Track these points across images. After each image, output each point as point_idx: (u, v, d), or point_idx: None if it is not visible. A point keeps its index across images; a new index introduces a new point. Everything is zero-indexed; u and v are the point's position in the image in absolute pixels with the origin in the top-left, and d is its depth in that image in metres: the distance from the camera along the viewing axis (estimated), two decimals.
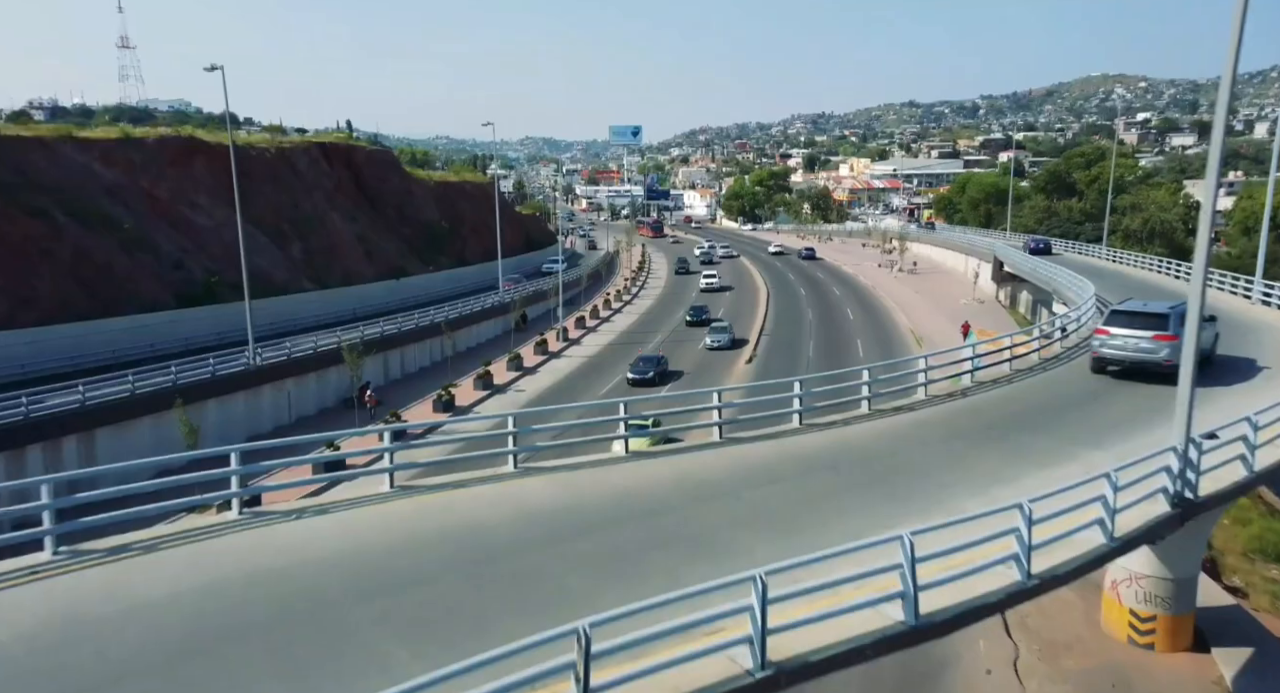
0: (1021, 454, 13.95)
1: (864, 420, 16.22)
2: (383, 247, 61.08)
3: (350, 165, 64.57)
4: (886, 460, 13.64)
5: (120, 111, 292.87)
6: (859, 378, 17.56)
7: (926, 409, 17.19)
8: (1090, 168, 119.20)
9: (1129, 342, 19.02)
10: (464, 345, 54.19)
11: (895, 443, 14.64)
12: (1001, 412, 16.78)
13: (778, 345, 54.12)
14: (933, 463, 13.51)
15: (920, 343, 52.66)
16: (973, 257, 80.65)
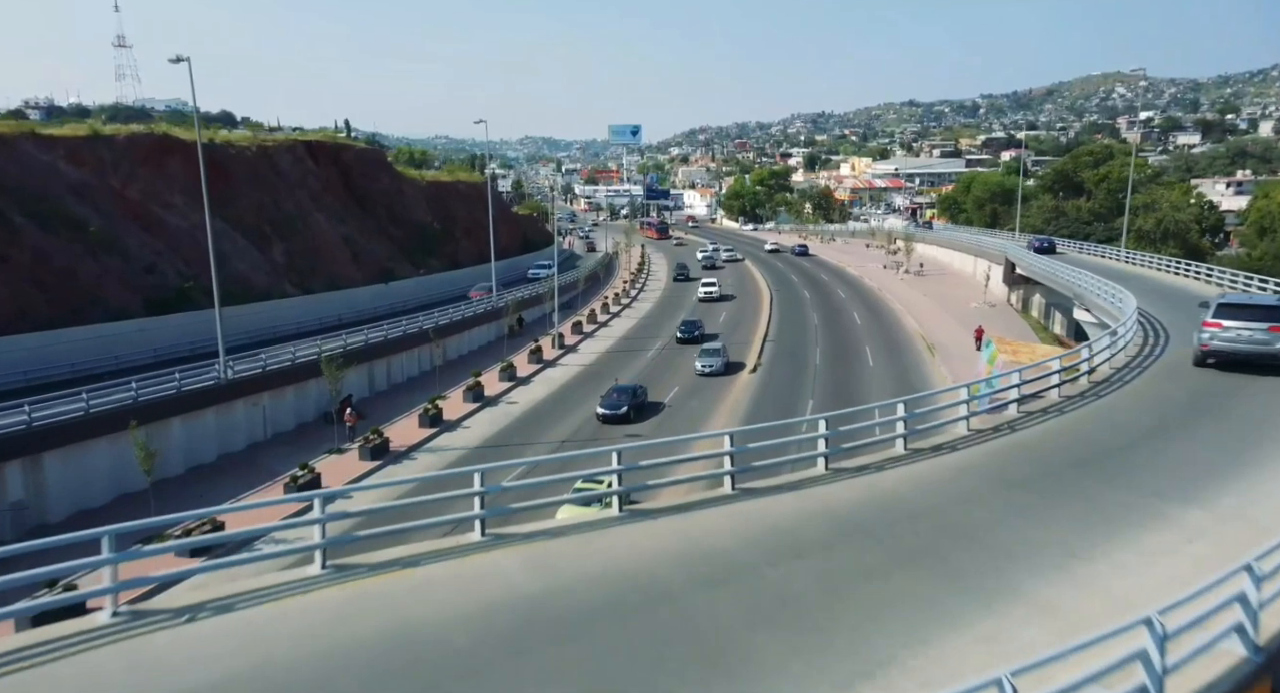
0: (1097, 512, 11.53)
1: (899, 463, 13.79)
2: (371, 249, 58.69)
3: (338, 165, 62.17)
4: (933, 520, 11.24)
5: (116, 111, 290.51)
6: (891, 412, 15.10)
7: (970, 448, 14.77)
8: (1098, 167, 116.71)
9: (1242, 335, 19.63)
10: (455, 353, 51.89)
11: (940, 495, 12.22)
12: (1059, 452, 14.36)
13: (782, 353, 51.74)
14: (989, 525, 11.10)
15: (933, 351, 50.32)
16: (982, 259, 78.26)
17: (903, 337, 56.01)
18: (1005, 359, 37.50)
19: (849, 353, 51.12)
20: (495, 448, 35.16)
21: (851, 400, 40.33)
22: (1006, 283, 67.41)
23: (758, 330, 59.04)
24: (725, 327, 61.09)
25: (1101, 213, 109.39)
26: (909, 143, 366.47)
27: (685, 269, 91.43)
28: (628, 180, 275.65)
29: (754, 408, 39.22)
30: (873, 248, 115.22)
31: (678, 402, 40.84)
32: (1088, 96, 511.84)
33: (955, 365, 46.54)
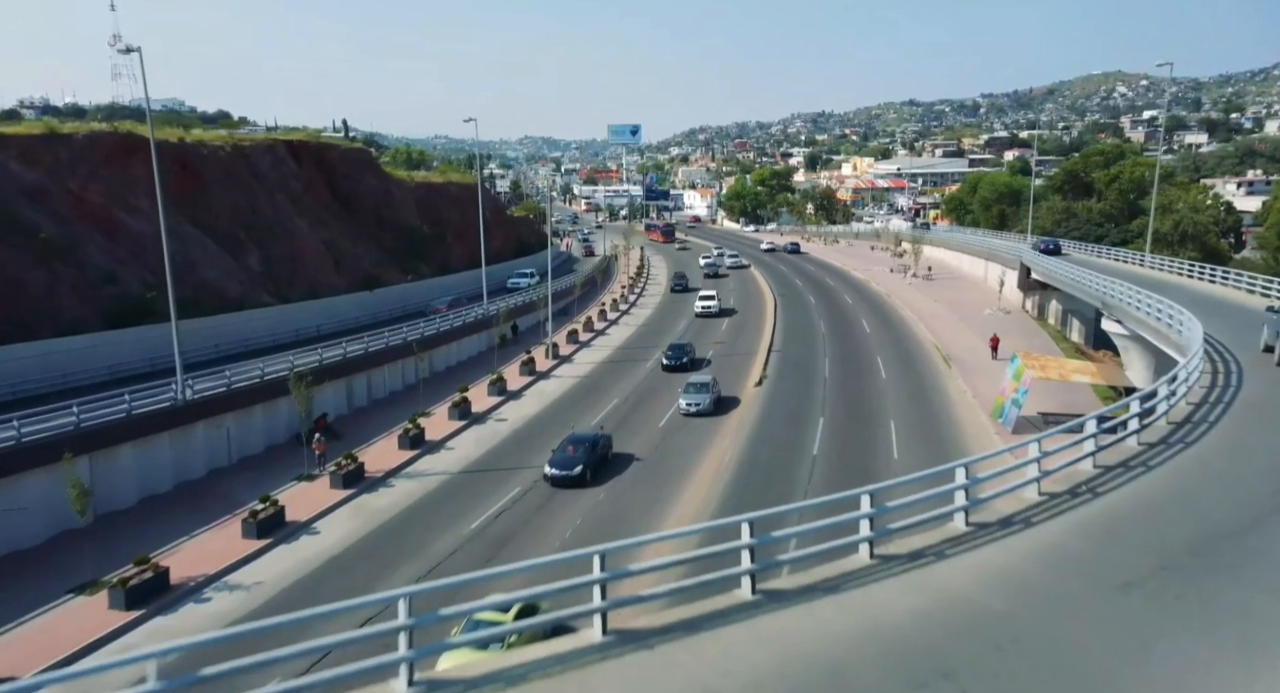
0: (1246, 626, 8.63)
1: (963, 548, 10.84)
2: (356, 254, 55.77)
3: (322, 165, 59.23)
4: (1025, 645, 8.34)
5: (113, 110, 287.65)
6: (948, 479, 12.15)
7: (1048, 523, 11.77)
8: (1109, 167, 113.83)
9: None
10: (444, 364, 49.01)
11: (1028, 603, 9.26)
12: (1165, 530, 11.35)
13: (789, 364, 48.82)
14: (1102, 650, 8.21)
15: (949, 363, 47.42)
16: (993, 262, 75.33)
17: (915, 346, 53.10)
18: (1033, 375, 34.62)
19: (860, 364, 48.20)
20: (479, 475, 32.24)
21: (867, 419, 37.50)
22: (1021, 288, 64.52)
23: (762, 339, 56.15)
24: (726, 337, 58.18)
25: (1113, 214, 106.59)
26: (910, 142, 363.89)
27: (684, 278, 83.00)
28: (627, 180, 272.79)
29: (757, 439, 36.23)
30: (878, 250, 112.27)
31: (658, 448, 34.27)
32: (1088, 96, 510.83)
33: (974, 379, 43.66)
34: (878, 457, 32.45)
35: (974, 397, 40.15)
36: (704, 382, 40.35)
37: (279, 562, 24.78)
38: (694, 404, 38.54)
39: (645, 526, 26.21)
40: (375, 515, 28.27)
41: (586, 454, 30.40)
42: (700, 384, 39.99)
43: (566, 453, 30.43)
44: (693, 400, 38.78)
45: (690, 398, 38.92)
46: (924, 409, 38.90)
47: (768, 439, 35.09)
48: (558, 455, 30.45)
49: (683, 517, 27.03)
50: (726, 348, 54.04)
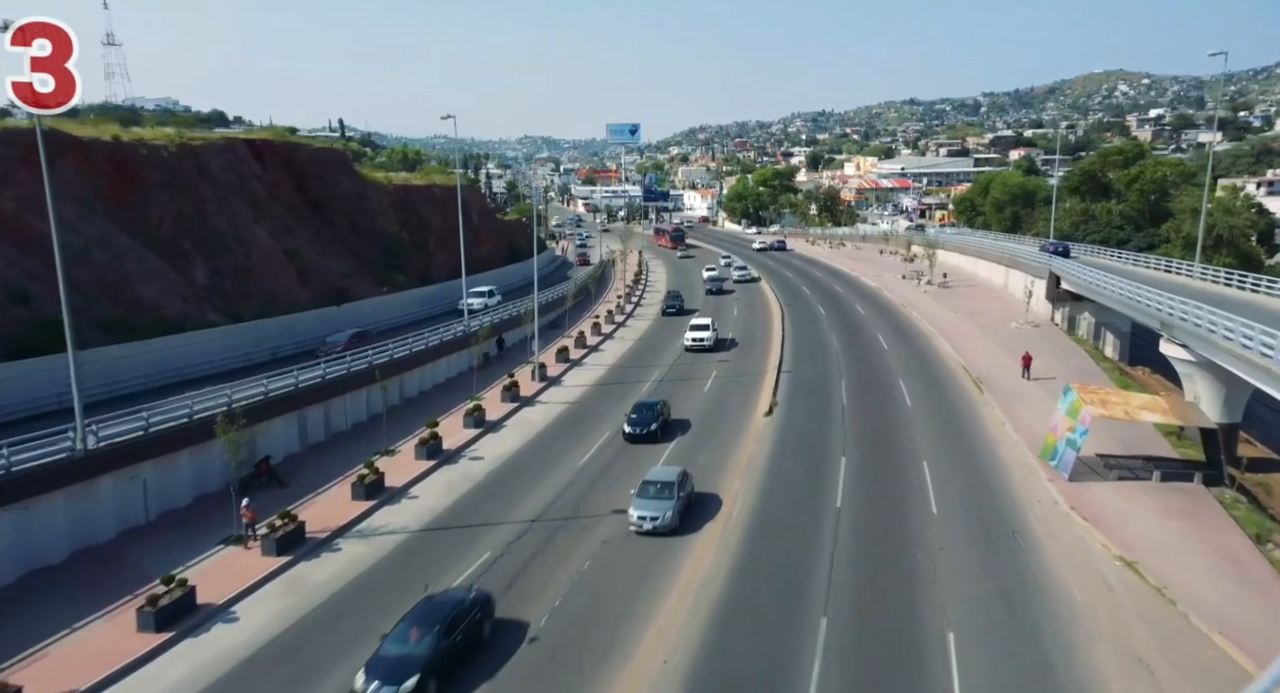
0: None
1: None
2: (324, 264, 50.81)
3: (290, 167, 54.22)
4: None
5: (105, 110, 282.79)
6: None
7: None
8: (1129, 167, 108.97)
9: None
10: (417, 388, 44.01)
11: None
12: None
13: (801, 388, 43.83)
14: None
15: (980, 386, 42.45)
16: (1016, 269, 70.35)
17: (939, 366, 48.14)
18: (1093, 413, 29.66)
19: (880, 388, 43.23)
20: (443, 535, 27.26)
21: (895, 459, 32.55)
22: (1050, 299, 59.57)
23: (770, 356, 51.17)
24: (731, 355, 53.20)
25: (1132, 216, 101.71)
26: (913, 141, 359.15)
27: (678, 298, 69.92)
28: (626, 180, 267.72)
29: (769, 485, 31.31)
30: (887, 253, 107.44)
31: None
32: (1090, 94, 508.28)
33: (1012, 406, 38.72)
34: (913, 512, 27.51)
35: (1015, 430, 35.20)
36: (667, 481, 27.21)
37: (178, 664, 19.85)
38: (649, 517, 25.78)
39: (626, 630, 21.33)
40: (311, 594, 23.31)
41: (433, 644, 18.28)
42: (661, 484, 27.03)
43: (389, 662, 17.90)
44: (648, 512, 25.88)
45: (645, 509, 26.04)
46: (959, 446, 33.95)
47: (781, 486, 30.14)
48: (374, 664, 18.03)
49: (679, 603, 22.09)
50: (731, 368, 49.07)
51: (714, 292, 79.10)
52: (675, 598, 22.31)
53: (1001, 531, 25.94)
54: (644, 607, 21.90)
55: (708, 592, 22.57)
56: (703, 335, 53.47)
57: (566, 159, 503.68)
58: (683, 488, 27.50)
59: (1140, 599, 21.51)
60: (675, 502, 26.53)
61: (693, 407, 41.04)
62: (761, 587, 22.75)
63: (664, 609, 21.72)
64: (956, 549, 24.63)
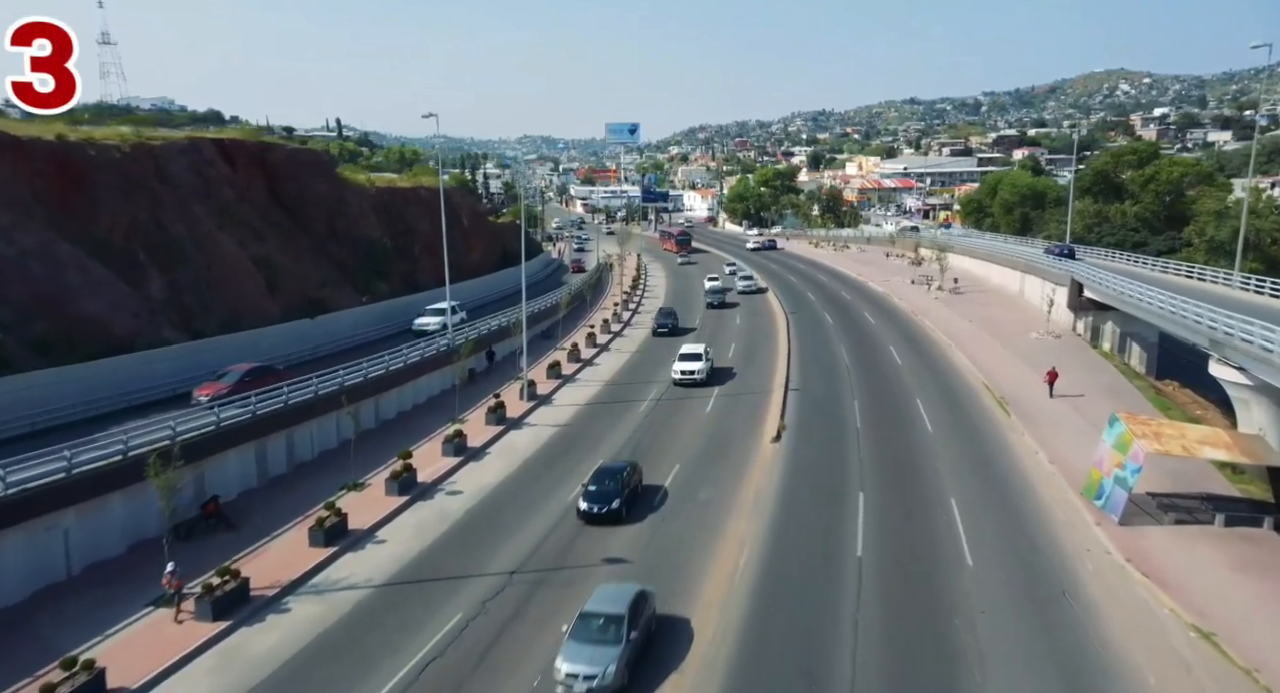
0: None
1: None
2: (298, 273, 47.41)
3: (264, 169, 50.77)
4: None
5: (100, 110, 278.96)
6: None
7: None
8: (1143, 167, 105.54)
9: None
10: (396, 408, 40.61)
11: None
12: None
13: (812, 408, 40.44)
14: None
15: (1006, 408, 39.05)
16: (1033, 276, 66.93)
17: (959, 383, 44.74)
18: (1146, 447, 26.25)
19: (897, 409, 39.81)
20: (411, 590, 23.86)
21: (919, 496, 29.14)
22: (1072, 308, 56.14)
23: (777, 370, 47.78)
24: (733, 368, 49.82)
25: (1147, 218, 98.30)
26: (915, 141, 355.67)
27: (671, 317, 61.64)
28: (625, 180, 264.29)
29: (780, 529, 27.95)
30: (893, 257, 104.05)
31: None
32: (1091, 93, 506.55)
33: (1043, 431, 35.34)
34: (944, 563, 24.10)
35: (1051, 460, 31.80)
36: (613, 615, 19.18)
37: None
38: (584, 677, 17.97)
39: None
40: (249, 670, 19.92)
41: None
42: (605, 620, 19.08)
43: None
44: (581, 668, 18.02)
45: (578, 659, 18.22)
46: (990, 480, 30.54)
47: (794, 529, 26.75)
48: None
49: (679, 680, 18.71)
50: (736, 383, 45.68)
51: (715, 306, 70.46)
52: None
53: (1049, 589, 22.54)
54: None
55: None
56: (694, 366, 45.15)
57: (566, 159, 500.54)
58: (635, 623, 19.15)
59: (1228, 687, 18.11)
60: (623, 648, 18.46)
61: (693, 428, 37.68)
62: (772, 668, 19.37)
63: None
64: (1000, 614, 21.22)
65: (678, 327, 61.21)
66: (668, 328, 60.09)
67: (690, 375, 45.04)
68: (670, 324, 60.78)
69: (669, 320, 61.33)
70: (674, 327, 60.57)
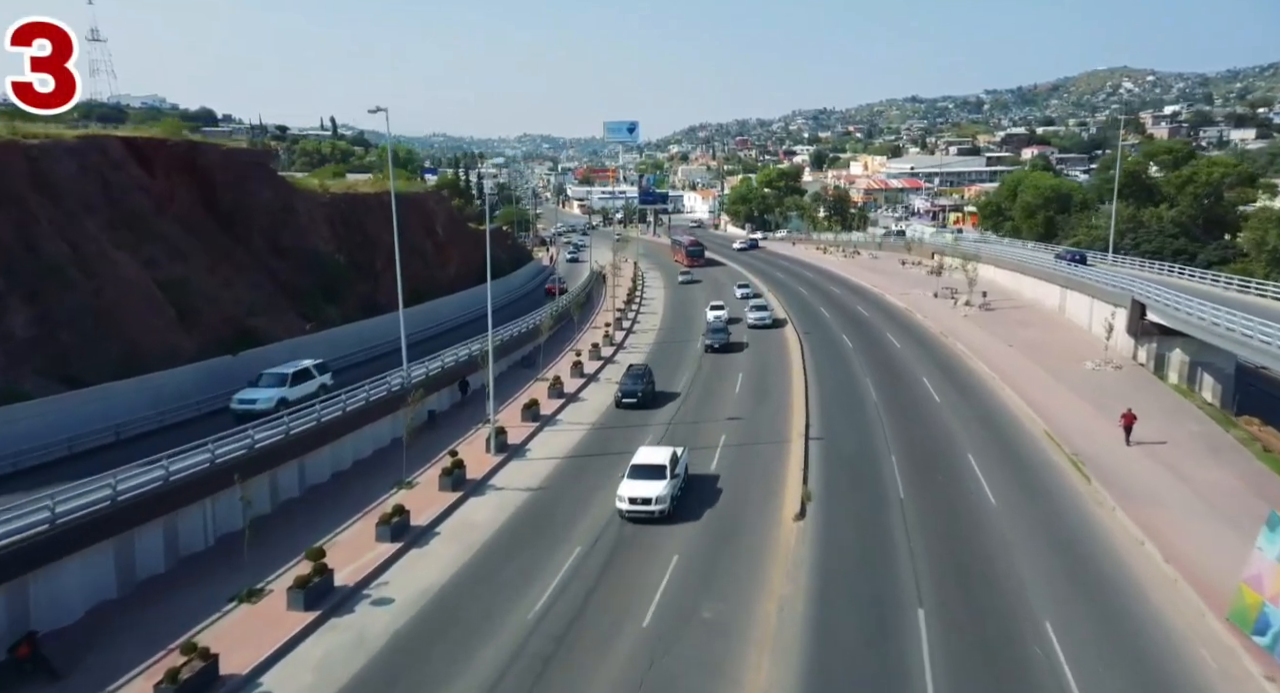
0: None
1: None
2: (226, 298, 39.94)
3: (194, 173, 43.28)
4: None
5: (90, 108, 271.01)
6: None
7: None
8: (1179, 167, 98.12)
9: None
10: (330, 469, 33.12)
11: None
12: None
13: (840, 468, 32.93)
14: None
15: (1083, 469, 31.52)
16: (1073, 290, 59.42)
17: (1014, 431, 37.22)
18: None
19: (946, 469, 32.32)
20: None
21: (998, 612, 21.66)
22: (1131, 332, 48.69)
23: (793, 412, 40.31)
24: (741, 407, 42.35)
25: (1184, 223, 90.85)
26: (918, 139, 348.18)
27: (640, 379, 42.87)
28: (624, 180, 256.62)
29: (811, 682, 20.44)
30: (910, 265, 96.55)
31: None
32: (1094, 91, 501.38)
33: (1140, 506, 27.83)
34: None
35: (1166, 558, 24.25)
36: None
37: None
38: None
39: None
40: None
41: None
42: None
43: None
44: None
45: None
46: (1092, 591, 23.00)
47: (836, 677, 19.27)
48: None
49: None
50: (745, 430, 38.15)
51: (715, 348, 53.27)
52: None
53: None
54: None
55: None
56: (651, 492, 27.83)
57: (566, 158, 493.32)
58: None
59: None
60: None
61: (695, 494, 30.19)
62: None
63: None
64: None
65: (651, 390, 43.15)
66: (636, 396, 41.50)
67: (644, 509, 27.72)
68: (638, 389, 41.79)
69: (639, 384, 42.20)
70: (643, 392, 41.92)
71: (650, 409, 41.73)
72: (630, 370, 44.66)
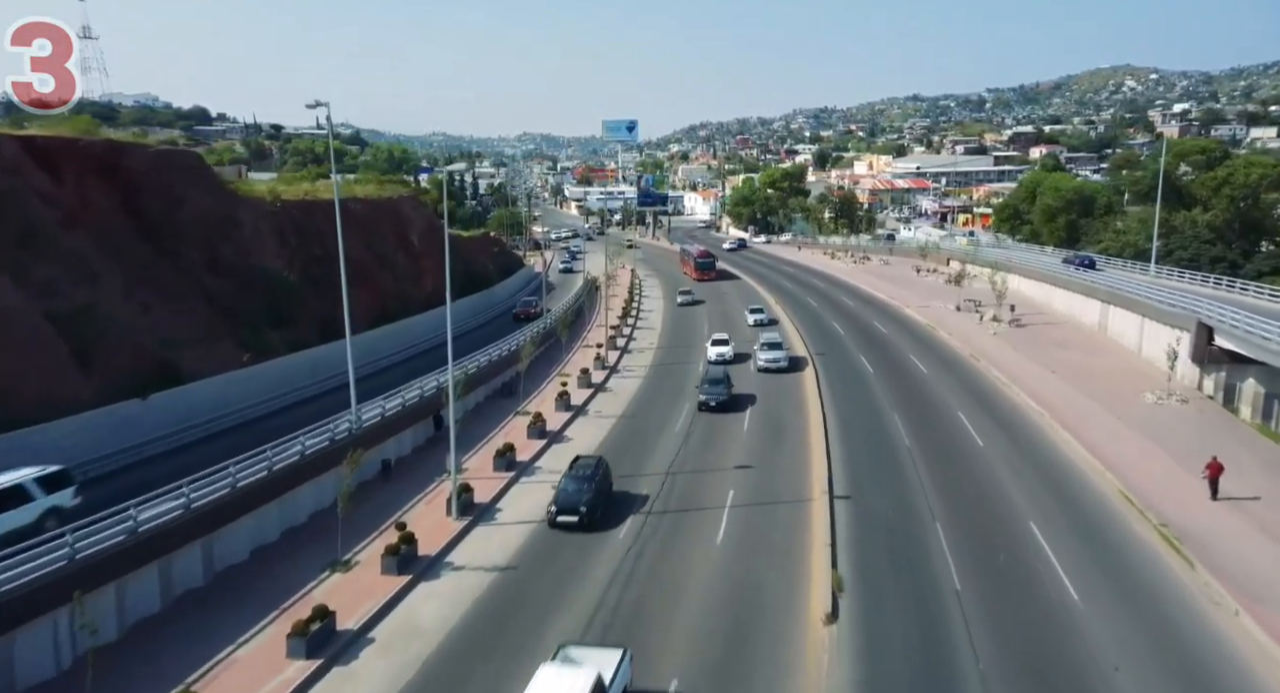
0: None
1: None
2: (144, 328, 33.89)
3: (114, 178, 37.21)
4: None
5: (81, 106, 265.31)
6: None
7: None
8: (1212, 168, 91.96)
9: None
10: (250, 545, 27.00)
11: None
12: None
13: (874, 542, 26.83)
14: None
15: (1180, 548, 25.40)
16: (1124, 310, 53.22)
17: (1081, 490, 31.05)
18: None
19: (1009, 550, 26.16)
20: None
21: None
22: (1197, 360, 42.59)
23: (812, 461, 34.22)
24: (751, 452, 36.26)
25: (1219, 227, 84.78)
26: (922, 138, 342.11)
27: (585, 486, 28.72)
28: (623, 179, 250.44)
29: None
30: (925, 273, 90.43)
31: None
32: (1097, 90, 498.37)
33: (1267, 611, 21.68)
34: None
35: None
36: None
37: None
38: None
39: None
40: None
41: None
42: None
43: None
44: None
45: None
46: None
47: None
48: None
49: None
50: (756, 486, 32.03)
51: (711, 406, 40.69)
52: None
53: None
54: None
55: None
56: None
57: (565, 157, 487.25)
58: None
59: None
60: None
61: (700, 579, 24.18)
62: None
63: None
64: None
65: (606, 497, 29.33)
66: (578, 513, 27.67)
67: None
68: (584, 503, 27.86)
69: (583, 492, 28.26)
70: (593, 505, 28.06)
71: (597, 533, 27.72)
72: (574, 469, 29.91)
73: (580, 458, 31.48)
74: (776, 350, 49.79)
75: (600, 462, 30.79)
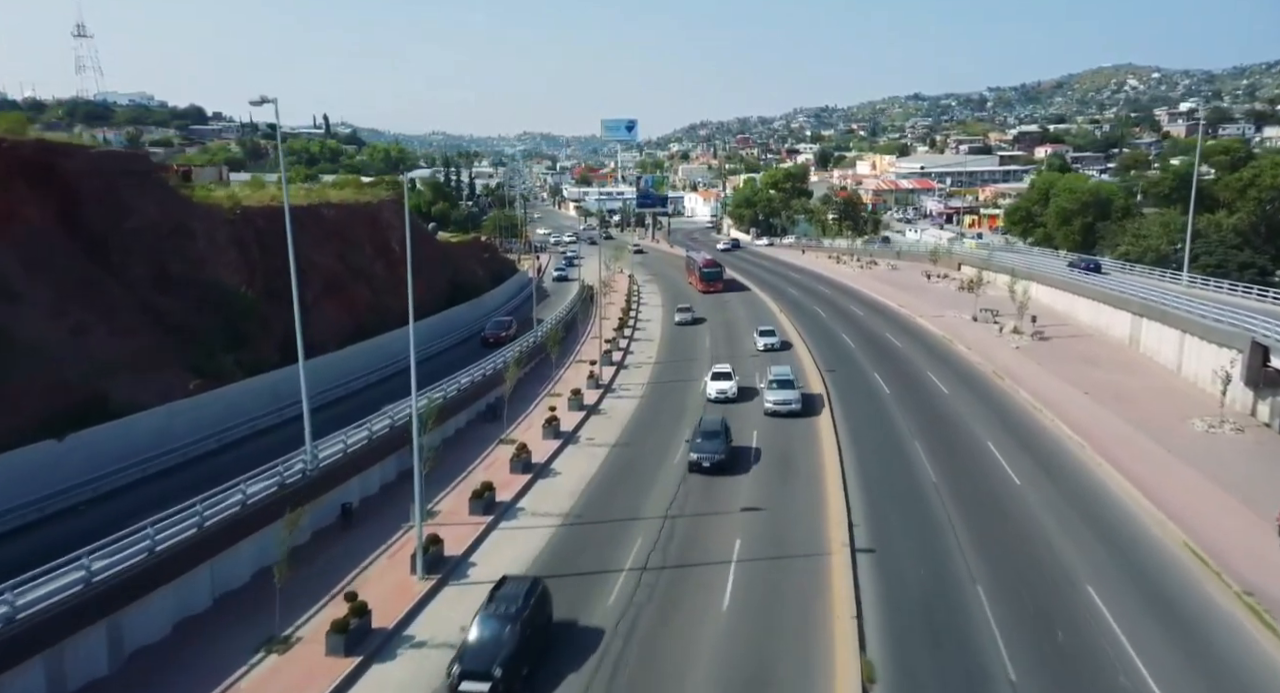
0: None
1: None
2: (74, 354, 29.99)
3: (50, 184, 33.36)
4: None
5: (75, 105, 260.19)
6: None
7: None
8: (1237, 170, 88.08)
9: None
10: (173, 618, 23.01)
11: None
12: None
13: (907, 612, 22.90)
14: None
15: (1273, 624, 21.44)
16: (1160, 324, 49.22)
17: (1142, 544, 27.04)
18: None
19: (1066, 624, 22.21)
20: None
21: None
22: (1251, 383, 38.63)
23: (828, 504, 30.25)
24: (759, 493, 32.27)
25: (1245, 231, 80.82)
26: (924, 137, 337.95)
27: (507, 626, 19.70)
28: (622, 179, 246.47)
29: None
30: (935, 278, 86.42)
31: None
32: (1099, 89, 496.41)
33: None
34: None
35: None
36: None
37: None
38: None
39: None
40: None
41: None
42: None
43: None
44: None
45: None
46: None
47: None
48: None
49: None
50: (764, 536, 28.05)
51: (703, 467, 33.13)
52: None
53: None
54: None
55: None
56: None
57: (565, 156, 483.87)
58: None
59: None
60: None
61: (707, 659, 20.22)
62: None
63: None
64: None
65: (514, 666, 19.10)
66: (492, 680, 18.64)
67: None
68: (494, 664, 18.89)
69: (498, 647, 19.33)
70: (507, 673, 18.84)
71: None
72: (494, 602, 20.94)
73: (506, 582, 22.12)
74: (787, 389, 41.35)
75: (534, 588, 21.57)
